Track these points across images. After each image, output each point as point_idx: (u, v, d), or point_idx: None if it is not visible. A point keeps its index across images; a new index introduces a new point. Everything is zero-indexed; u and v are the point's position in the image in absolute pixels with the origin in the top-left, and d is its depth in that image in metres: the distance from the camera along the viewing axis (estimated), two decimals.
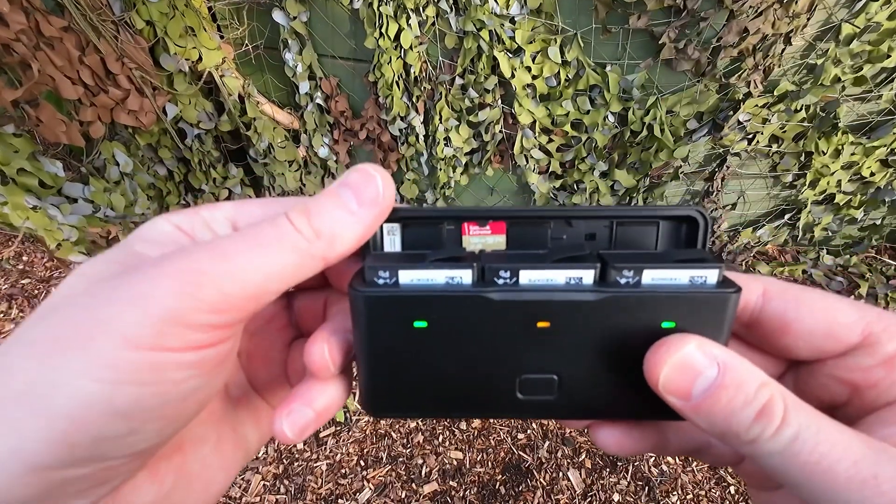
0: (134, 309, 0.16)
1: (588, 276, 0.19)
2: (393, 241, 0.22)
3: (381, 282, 0.19)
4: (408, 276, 0.19)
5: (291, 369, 0.26)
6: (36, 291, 1.65)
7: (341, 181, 0.19)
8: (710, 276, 0.19)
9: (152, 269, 0.16)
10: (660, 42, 1.10)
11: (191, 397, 0.18)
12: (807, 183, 1.30)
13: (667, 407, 0.19)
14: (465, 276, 0.19)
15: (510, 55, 1.22)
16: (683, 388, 0.18)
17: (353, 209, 0.19)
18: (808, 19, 1.04)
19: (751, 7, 1.00)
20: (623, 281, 0.19)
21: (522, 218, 0.22)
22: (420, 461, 1.28)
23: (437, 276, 0.19)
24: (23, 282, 1.66)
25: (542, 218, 0.22)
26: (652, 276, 0.19)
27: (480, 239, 0.22)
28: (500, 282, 0.19)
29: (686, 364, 0.18)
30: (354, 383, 0.23)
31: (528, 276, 0.19)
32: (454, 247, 0.22)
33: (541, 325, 0.20)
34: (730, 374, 0.17)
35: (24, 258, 1.73)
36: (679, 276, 0.19)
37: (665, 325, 0.19)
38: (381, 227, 0.21)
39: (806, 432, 0.16)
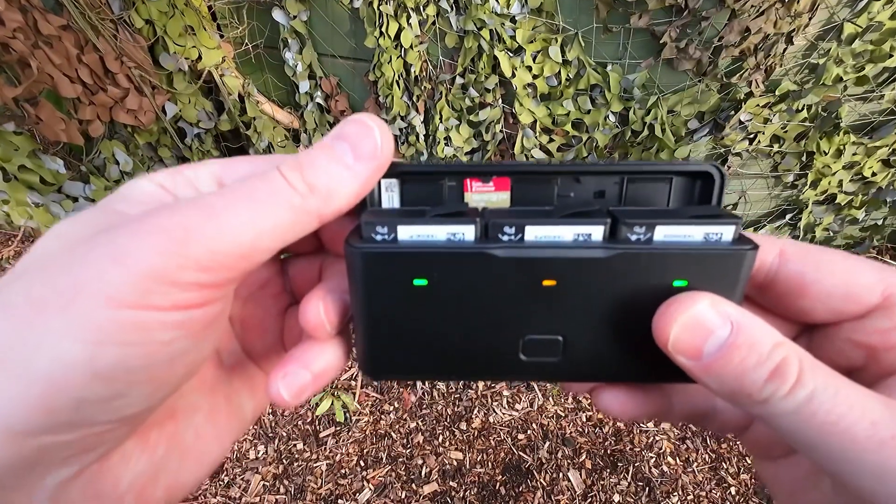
0: (116, 266, 0.15)
1: (597, 232, 0.18)
2: (391, 198, 0.21)
3: (378, 238, 0.18)
4: (407, 232, 0.18)
5: (287, 337, 0.25)
6: None
7: (336, 133, 0.18)
8: (726, 232, 0.18)
9: (135, 225, 0.16)
10: (661, 41, 1.10)
11: (178, 360, 0.17)
12: (808, 183, 1.30)
13: (675, 369, 0.18)
14: (467, 233, 0.18)
15: (511, 54, 1.22)
16: (694, 347, 0.17)
17: (349, 163, 0.18)
18: (810, 19, 1.03)
19: (752, 6, 1.00)
20: (634, 238, 0.18)
21: (528, 174, 0.21)
22: (420, 461, 1.28)
23: (438, 233, 0.18)
24: None
25: (548, 174, 0.21)
26: (665, 233, 0.18)
27: (483, 196, 0.21)
28: (505, 238, 0.18)
29: (697, 322, 0.17)
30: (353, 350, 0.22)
31: (533, 233, 0.18)
32: (456, 203, 0.21)
33: (546, 283, 0.19)
34: (743, 334, 0.17)
35: None
36: (693, 233, 0.18)
37: (677, 283, 0.18)
38: (379, 183, 0.20)
39: (822, 393, 0.15)
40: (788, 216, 1.41)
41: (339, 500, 1.22)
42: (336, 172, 0.18)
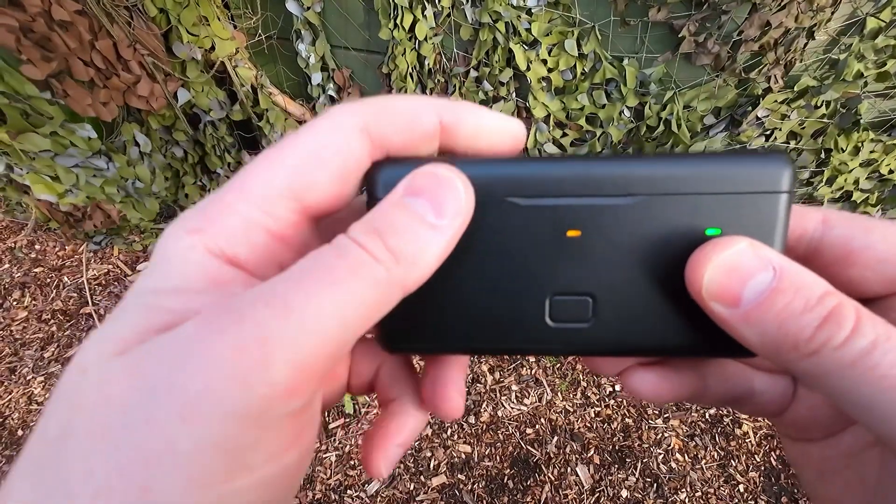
0: (187, 426, 0.12)
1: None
2: None
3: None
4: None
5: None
6: (48, 280, 1.66)
7: (407, 188, 0.16)
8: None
9: (199, 349, 0.12)
10: (679, 35, 1.09)
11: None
12: (824, 180, 1.28)
13: (718, 340, 0.17)
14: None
15: (526, 47, 1.21)
16: (731, 292, 0.15)
17: (432, 222, 0.15)
18: (833, 13, 1.02)
19: (774, 0, 0.98)
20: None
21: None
22: (428, 454, 1.29)
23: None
24: (35, 270, 1.67)
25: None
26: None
27: None
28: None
29: (735, 265, 0.15)
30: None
31: None
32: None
33: (570, 234, 0.17)
34: (788, 278, 0.15)
35: (37, 246, 1.74)
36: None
37: (710, 231, 0.17)
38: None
39: (886, 343, 0.13)
40: None
41: (348, 491, 1.23)
42: (421, 234, 0.15)
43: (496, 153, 0.18)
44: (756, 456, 1.27)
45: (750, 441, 1.30)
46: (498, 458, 1.28)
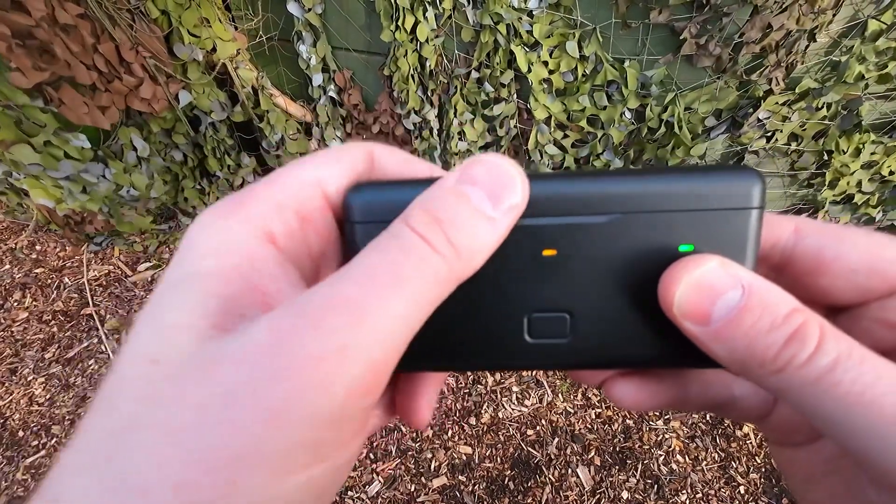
0: (272, 431, 0.12)
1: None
2: None
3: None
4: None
5: None
6: (49, 281, 1.66)
7: (464, 177, 0.16)
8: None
9: (274, 361, 0.12)
10: (681, 37, 1.09)
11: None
12: (825, 182, 1.28)
13: (691, 351, 0.17)
14: None
15: (527, 49, 1.21)
16: (702, 310, 0.15)
17: (489, 214, 0.15)
18: (834, 15, 1.02)
19: (776, 2, 0.98)
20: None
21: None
22: (429, 455, 1.29)
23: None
24: (36, 271, 1.67)
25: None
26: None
27: None
28: None
29: (706, 283, 0.15)
30: None
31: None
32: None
33: (546, 253, 0.18)
34: (756, 296, 0.15)
35: (38, 247, 1.74)
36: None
37: (683, 248, 0.17)
38: None
39: (847, 360, 0.14)
40: (804, 215, 1.40)
41: (349, 492, 1.23)
42: (479, 227, 0.15)
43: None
44: (757, 457, 1.27)
45: (751, 442, 1.30)
46: (499, 459, 1.28)
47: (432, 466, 1.27)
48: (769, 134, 1.22)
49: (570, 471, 1.26)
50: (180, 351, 0.13)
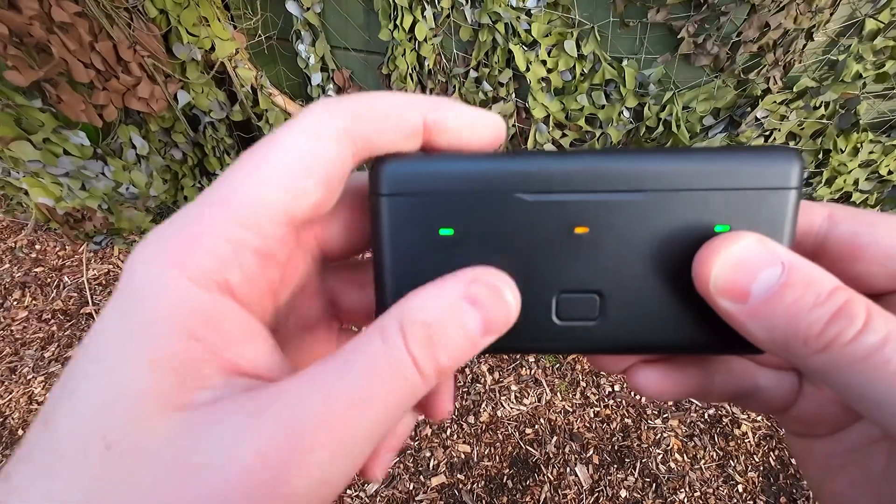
0: None
1: None
2: None
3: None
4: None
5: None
6: (49, 280, 1.66)
7: (469, 293, 0.15)
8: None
9: (255, 494, 0.12)
10: (678, 36, 1.09)
11: None
12: (823, 181, 1.28)
13: (725, 337, 0.17)
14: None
15: (525, 48, 1.21)
16: (740, 286, 0.15)
17: (476, 339, 0.15)
18: (832, 14, 1.02)
19: (773, 1, 0.98)
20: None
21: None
22: (428, 454, 1.29)
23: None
24: (35, 270, 1.67)
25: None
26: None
27: None
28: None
29: (743, 260, 0.15)
30: None
31: None
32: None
33: (578, 230, 0.17)
34: (797, 272, 0.14)
35: (37, 246, 1.74)
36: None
37: (719, 228, 0.17)
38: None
39: None
40: None
41: (347, 491, 1.23)
42: (465, 352, 0.15)
43: (478, 148, 0.18)
44: (755, 456, 1.28)
45: (749, 441, 1.30)
46: (497, 457, 1.28)
47: (431, 465, 1.27)
48: (767, 133, 1.22)
49: (568, 469, 1.26)
50: (137, 435, 0.12)
